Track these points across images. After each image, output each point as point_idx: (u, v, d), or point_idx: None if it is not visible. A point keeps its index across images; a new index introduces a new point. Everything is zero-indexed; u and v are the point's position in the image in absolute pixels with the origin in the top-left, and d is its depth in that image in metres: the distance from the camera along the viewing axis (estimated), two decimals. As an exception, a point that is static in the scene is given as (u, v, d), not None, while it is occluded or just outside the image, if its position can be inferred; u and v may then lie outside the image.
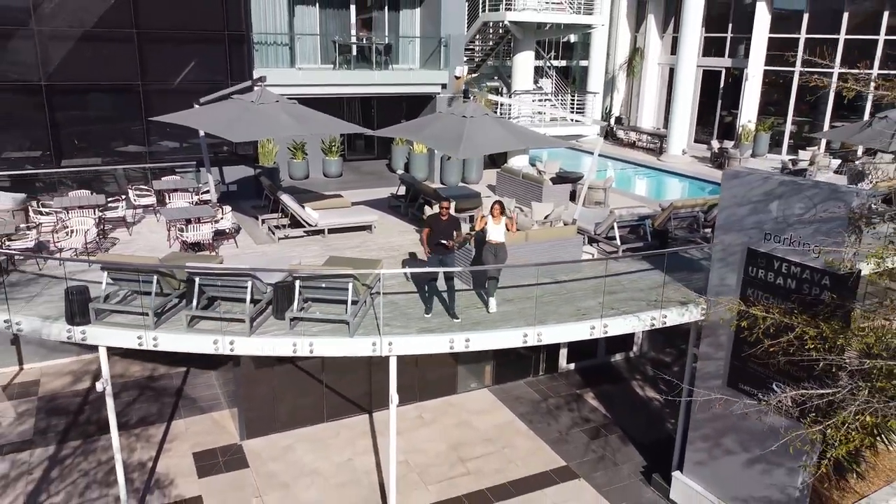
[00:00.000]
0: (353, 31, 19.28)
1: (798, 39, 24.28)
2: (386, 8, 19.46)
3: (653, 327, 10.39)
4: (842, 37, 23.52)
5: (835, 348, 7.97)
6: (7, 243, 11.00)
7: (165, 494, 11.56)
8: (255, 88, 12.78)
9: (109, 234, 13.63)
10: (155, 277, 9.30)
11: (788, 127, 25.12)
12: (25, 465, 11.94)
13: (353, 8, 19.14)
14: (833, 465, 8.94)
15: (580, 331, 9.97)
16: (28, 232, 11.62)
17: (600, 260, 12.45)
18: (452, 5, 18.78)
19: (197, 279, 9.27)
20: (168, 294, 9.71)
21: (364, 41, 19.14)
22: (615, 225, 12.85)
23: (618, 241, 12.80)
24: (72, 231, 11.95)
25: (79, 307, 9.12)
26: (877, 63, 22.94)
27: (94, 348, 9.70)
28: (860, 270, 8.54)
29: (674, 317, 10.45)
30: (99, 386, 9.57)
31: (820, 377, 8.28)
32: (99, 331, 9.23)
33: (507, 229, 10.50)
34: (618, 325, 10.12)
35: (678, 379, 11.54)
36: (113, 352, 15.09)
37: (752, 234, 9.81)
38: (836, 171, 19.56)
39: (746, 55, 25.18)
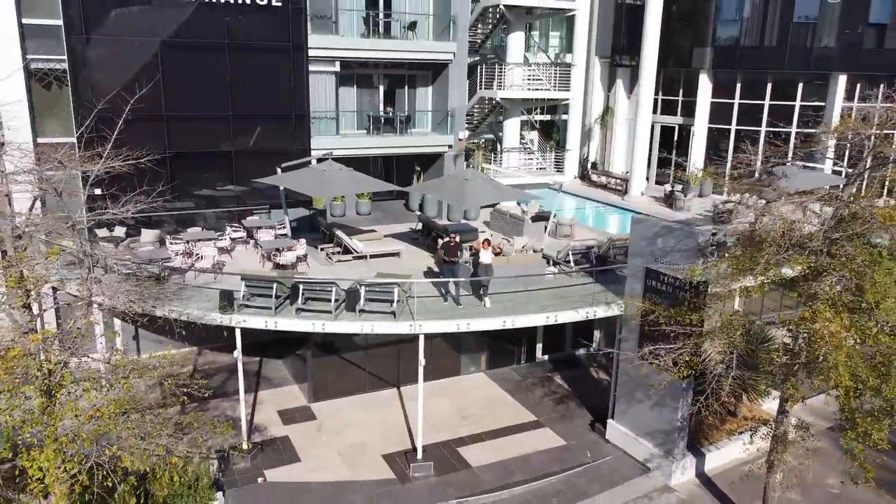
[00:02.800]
0: (381, 106, 25.29)
1: (733, 104, 30.20)
2: (406, 87, 25.51)
3: (587, 318, 16.04)
4: (766, 102, 29.42)
5: (691, 324, 13.48)
6: (166, 264, 16.65)
7: (264, 434, 17.09)
8: (325, 161, 18.64)
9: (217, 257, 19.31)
10: (275, 284, 14.97)
11: (728, 173, 30.89)
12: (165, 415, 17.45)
13: (381, 88, 25.21)
14: (706, 407, 14.48)
15: (539, 319, 15.66)
16: (175, 256, 17.30)
17: (553, 274, 18.16)
18: (456, 85, 24.77)
19: (301, 285, 14.95)
20: (279, 296, 15.34)
21: (389, 113, 25.11)
22: (569, 252, 18.57)
23: (571, 264, 18.50)
24: (200, 255, 17.65)
25: (228, 302, 14.76)
26: (794, 121, 28.82)
27: (190, 342, 14.90)
28: (706, 280, 14.16)
29: (601, 312, 16.12)
30: (235, 354, 15.15)
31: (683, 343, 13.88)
32: (239, 317, 14.85)
33: (495, 255, 16.22)
34: (564, 316, 15.80)
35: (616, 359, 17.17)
36: (205, 345, 20.68)
37: (648, 258, 15.51)
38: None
39: (693, 115, 31.05)
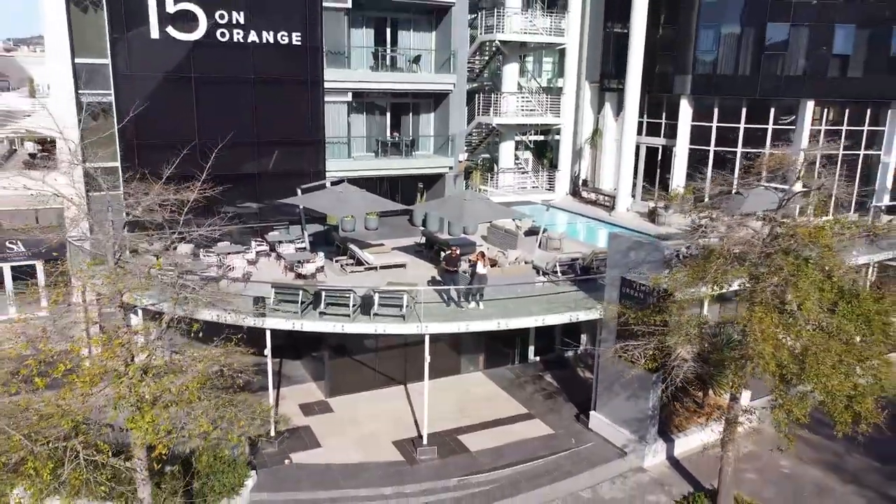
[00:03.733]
0: (388, 131, 27.81)
1: (711, 127, 32.73)
2: (410, 114, 28.04)
3: (571, 321, 18.44)
4: (742, 126, 31.97)
5: (655, 325, 15.86)
6: (203, 274, 19.03)
7: (287, 424, 19.41)
8: (341, 183, 21.12)
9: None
10: (300, 292, 17.37)
11: (707, 190, 33.37)
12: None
13: (388, 115, 27.74)
14: (673, 397, 16.86)
15: (530, 321, 18.07)
16: (208, 268, 19.70)
17: (542, 283, 20.57)
18: (456, 112, 27.30)
19: (323, 292, 17.36)
20: (304, 302, 17.74)
21: (395, 138, 27.62)
22: (557, 263, 20.99)
23: (558, 273, 20.91)
24: (231, 266, 20.05)
25: (260, 306, 17.15)
26: (768, 142, 31.34)
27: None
28: (669, 289, 16.53)
29: (584, 315, 18.53)
30: (266, 352, 17.51)
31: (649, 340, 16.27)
32: (270, 320, 17.24)
33: (490, 266, 18.64)
34: (551, 319, 18.21)
35: (598, 357, 19.55)
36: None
37: (623, 269, 17.93)
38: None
39: (675, 136, 33.57)
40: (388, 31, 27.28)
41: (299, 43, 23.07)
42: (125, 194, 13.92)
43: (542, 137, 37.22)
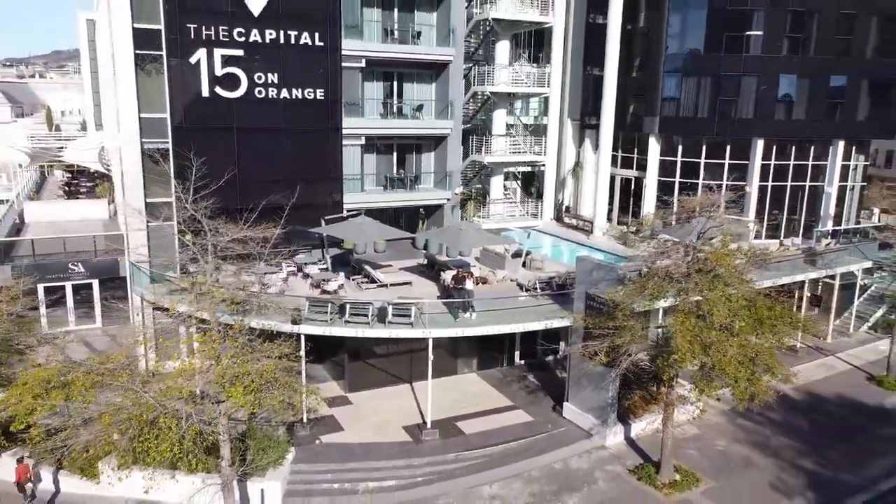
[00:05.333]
0: (395, 168, 32.40)
1: (676, 161, 37.37)
2: (414, 153, 32.66)
3: (546, 328, 22.83)
4: (702, 160, 36.63)
5: (608, 328, 20.23)
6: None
7: (316, 413, 23.63)
8: (359, 216, 25.67)
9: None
10: (329, 304, 21.75)
11: (674, 217, 37.91)
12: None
13: (394, 154, 32.36)
14: (629, 388, 21.16)
15: (513, 328, 22.47)
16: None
17: (524, 297, 24.98)
18: (453, 151, 31.89)
19: (347, 305, 21.75)
20: (331, 312, 22.09)
21: (401, 174, 32.22)
22: (537, 281, 25.43)
23: (538, 289, 25.31)
24: (269, 284, 24.41)
25: (297, 316, 21.50)
26: (725, 175, 35.95)
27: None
28: (617, 301, 20.87)
29: (557, 323, 22.94)
30: (300, 353, 21.79)
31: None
32: (305, 327, 21.57)
33: (481, 283, 23.04)
34: (531, 326, 22.63)
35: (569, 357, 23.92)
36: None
37: (587, 285, 22.36)
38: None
39: (645, 169, 38.18)
40: (395, 84, 32.03)
41: (322, 98, 27.66)
42: (215, 230, 17.78)
43: (529, 169, 41.79)
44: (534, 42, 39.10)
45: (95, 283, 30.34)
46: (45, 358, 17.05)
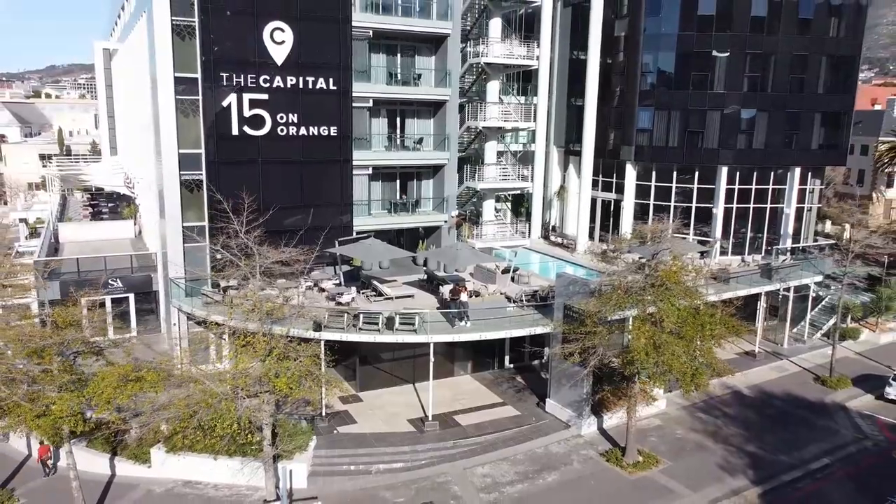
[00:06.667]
0: (398, 194, 36.40)
1: (650, 186, 41.42)
2: (415, 181, 36.69)
3: (531, 334, 26.72)
4: (673, 185, 40.68)
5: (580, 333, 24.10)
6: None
7: (332, 409, 27.40)
8: (369, 238, 29.60)
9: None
10: (344, 314, 25.59)
11: (649, 236, 41.93)
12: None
13: (398, 182, 36.39)
14: (601, 385, 25.06)
15: (502, 334, 26.39)
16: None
17: (512, 307, 28.86)
18: (449, 178, 35.89)
19: (361, 315, 25.59)
20: (347, 321, 25.90)
21: (403, 199, 36.20)
22: (523, 294, 29.33)
23: (523, 301, 29.20)
24: (289, 298, 28.20)
25: (318, 324, 25.31)
26: (694, 198, 40.02)
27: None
28: (587, 311, 24.71)
29: (540, 329, 26.82)
30: (321, 357, 25.58)
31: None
32: (325, 333, 25.36)
33: (474, 296, 26.94)
34: (516, 332, 26.51)
35: (550, 359, 27.82)
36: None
37: (565, 298, 26.27)
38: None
39: (623, 192, 42.17)
40: (399, 120, 36.12)
41: (335, 134, 31.62)
42: (254, 248, 21.60)
43: (518, 191, 45.79)
44: (522, 77, 43.23)
45: (131, 296, 34.08)
46: (122, 358, 20.77)
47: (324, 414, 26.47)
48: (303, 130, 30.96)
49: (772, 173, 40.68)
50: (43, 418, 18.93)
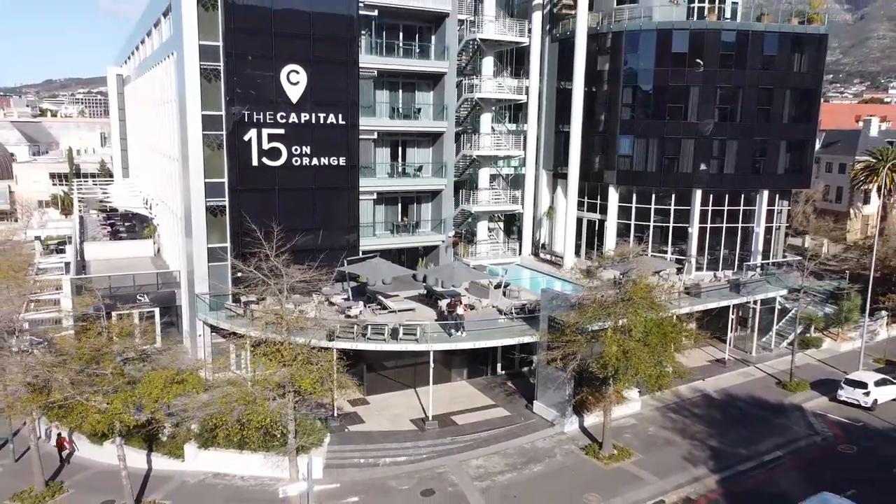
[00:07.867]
0: (399, 217, 39.93)
1: (632, 207, 44.98)
2: (415, 204, 40.23)
3: (519, 342, 30.14)
4: (652, 206, 44.25)
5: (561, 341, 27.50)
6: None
7: (343, 411, 30.69)
8: (375, 257, 33.03)
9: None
10: (354, 325, 28.98)
11: (632, 253, 45.47)
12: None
13: (399, 205, 39.92)
14: (581, 387, 28.48)
15: (494, 342, 29.81)
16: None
17: (503, 319, 32.29)
18: (446, 202, 39.45)
19: (369, 326, 28.99)
20: (357, 331, 29.28)
21: (405, 221, 39.72)
22: (513, 308, 32.77)
23: (513, 314, 32.61)
24: (305, 311, 31.60)
25: (331, 334, 28.69)
26: (672, 218, 43.60)
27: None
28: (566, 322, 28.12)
29: (527, 339, 30.26)
30: (333, 363, 28.94)
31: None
32: (338, 342, 28.73)
33: (469, 309, 30.39)
34: (506, 341, 29.96)
35: (536, 364, 31.25)
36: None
37: (549, 310, 29.71)
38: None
39: (606, 213, 45.73)
40: (400, 149, 39.72)
41: (344, 164, 35.13)
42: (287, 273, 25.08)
43: (510, 211, 49.36)
44: (514, 106, 46.94)
45: (157, 310, 37.38)
46: (168, 362, 24.12)
47: (335, 414, 29.79)
48: (315, 161, 34.44)
49: (742, 196, 44.30)
50: (101, 415, 22.22)
